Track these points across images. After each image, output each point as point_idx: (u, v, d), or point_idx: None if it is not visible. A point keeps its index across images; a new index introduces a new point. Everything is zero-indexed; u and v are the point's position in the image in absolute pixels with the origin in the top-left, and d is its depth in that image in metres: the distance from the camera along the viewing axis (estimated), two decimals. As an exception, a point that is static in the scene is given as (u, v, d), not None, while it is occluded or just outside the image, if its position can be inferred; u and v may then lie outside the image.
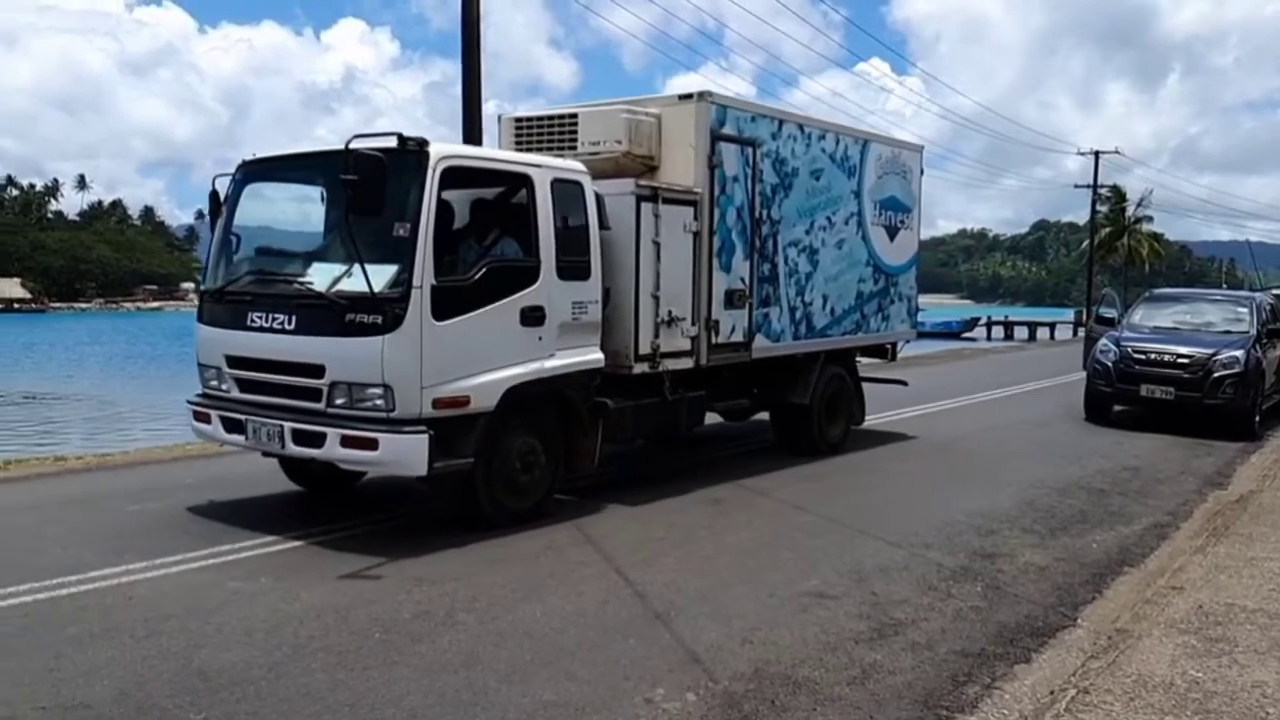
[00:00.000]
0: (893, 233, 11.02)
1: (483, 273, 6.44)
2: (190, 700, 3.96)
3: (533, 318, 6.66)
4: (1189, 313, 13.94)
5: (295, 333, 6.29)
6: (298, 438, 6.22)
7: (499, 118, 8.98)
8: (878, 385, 11.50)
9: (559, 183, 6.95)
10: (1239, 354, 12.13)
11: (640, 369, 7.65)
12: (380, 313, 5.94)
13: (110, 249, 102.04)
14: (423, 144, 6.15)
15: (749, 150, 8.64)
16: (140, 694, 4.01)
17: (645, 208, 7.57)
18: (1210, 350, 12.21)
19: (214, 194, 7.17)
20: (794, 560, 6.20)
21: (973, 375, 19.96)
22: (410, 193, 6.03)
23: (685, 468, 9.21)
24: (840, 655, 4.61)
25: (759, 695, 4.14)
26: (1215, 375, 11.97)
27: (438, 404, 6.09)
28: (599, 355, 7.22)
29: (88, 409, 21.65)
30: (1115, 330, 13.55)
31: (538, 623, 4.94)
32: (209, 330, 6.95)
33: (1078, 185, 59.70)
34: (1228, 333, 12.94)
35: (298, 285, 6.50)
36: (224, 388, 6.82)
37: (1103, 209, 54.33)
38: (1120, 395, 12.73)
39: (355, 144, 5.83)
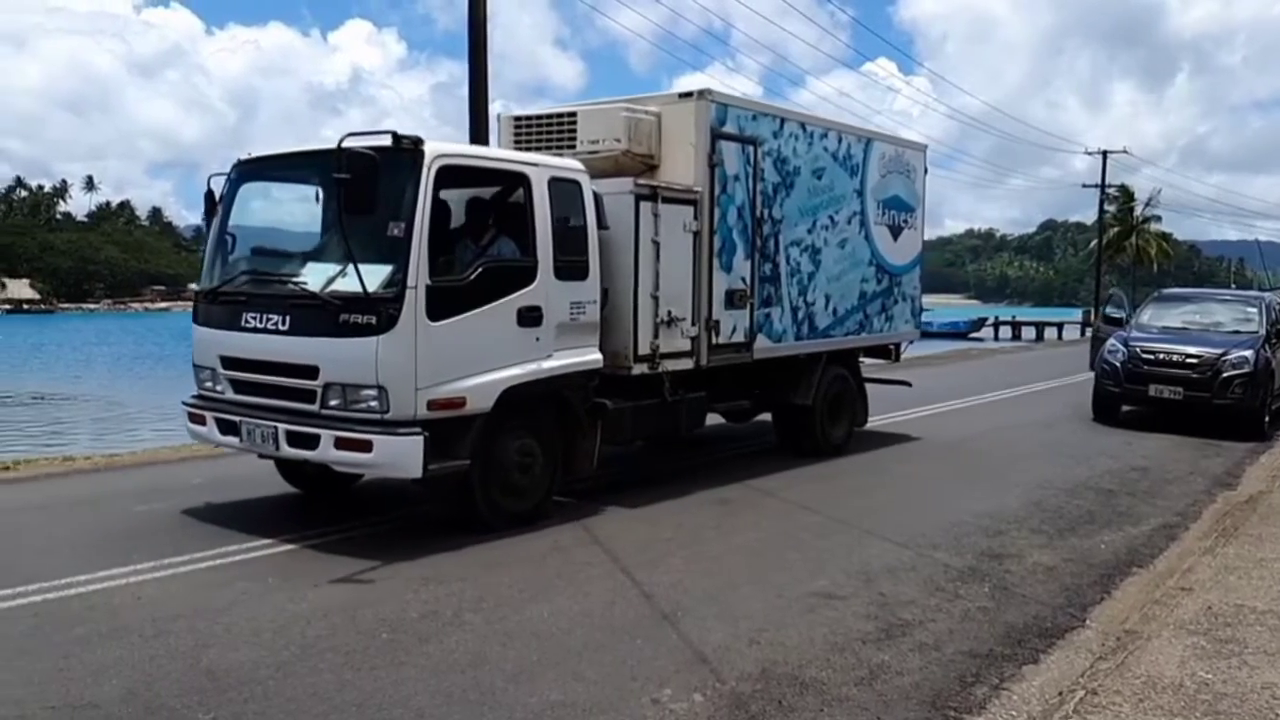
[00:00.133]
0: (896, 232, 10.95)
1: (479, 273, 6.36)
2: (198, 700, 3.97)
3: (530, 318, 6.60)
4: (1198, 313, 13.90)
5: (289, 333, 6.23)
6: (292, 439, 6.16)
7: (498, 117, 8.94)
8: (885, 386, 11.49)
9: (556, 182, 6.88)
10: (1248, 354, 12.09)
11: (639, 370, 7.59)
12: (374, 313, 5.87)
13: (118, 250, 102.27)
14: (417, 142, 6.07)
15: (750, 149, 8.57)
16: (148, 693, 4.02)
17: (644, 207, 7.51)
18: (1219, 350, 12.17)
19: (209, 194, 7.12)
20: (801, 561, 6.19)
21: (980, 375, 19.92)
22: (405, 192, 5.96)
23: (692, 468, 9.20)
24: (848, 656, 4.60)
25: (766, 696, 4.13)
26: (1224, 375, 11.93)
27: (433, 405, 6.02)
28: (597, 356, 7.16)
29: (96, 409, 21.69)
30: (1123, 330, 13.51)
31: (545, 623, 4.94)
32: (204, 331, 6.88)
33: (1085, 185, 59.37)
34: (1237, 333, 12.91)
35: (292, 285, 6.43)
36: (219, 389, 6.76)
37: (1111, 209, 54.22)
38: (1128, 395, 12.70)
39: (348, 142, 5.73)
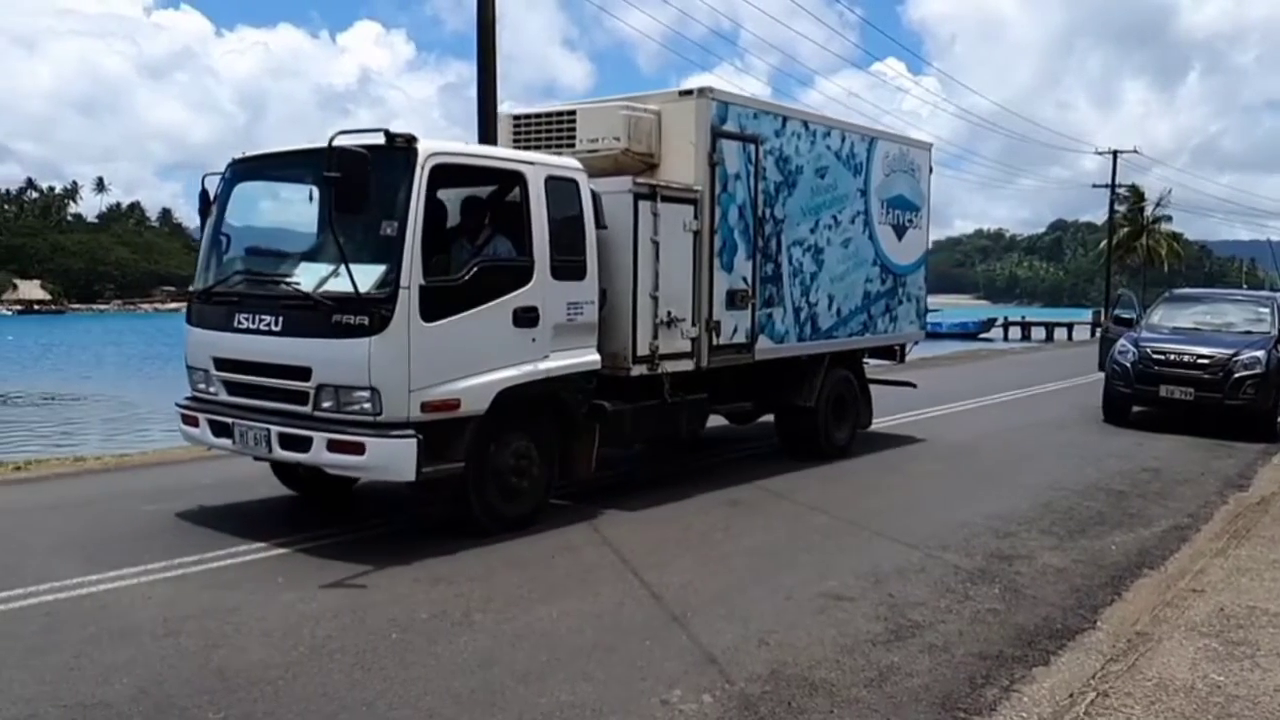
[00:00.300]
0: (901, 232, 10.85)
1: (474, 272, 6.27)
2: (209, 699, 3.98)
3: (526, 319, 6.52)
4: (1209, 313, 13.84)
5: (282, 334, 6.15)
6: (284, 442, 6.08)
7: (494, 114, 8.89)
8: (894, 387, 11.44)
9: (553, 180, 6.80)
10: (1260, 354, 12.02)
11: (639, 371, 7.50)
12: (367, 314, 5.78)
13: (128, 251, 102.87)
14: (411, 140, 5.98)
15: (751, 147, 8.48)
16: (159, 693, 4.04)
17: (643, 206, 7.43)
18: (1231, 350, 12.10)
19: (204, 193, 7.06)
20: (811, 562, 6.18)
21: (989, 376, 19.87)
22: (398, 190, 5.88)
23: (700, 469, 9.20)
24: (857, 657, 4.59)
25: (776, 697, 4.12)
26: (1236, 376, 11.87)
27: (426, 407, 5.94)
28: (595, 357, 7.08)
29: (107, 409, 21.78)
30: (1133, 331, 13.45)
31: (554, 623, 4.94)
32: (198, 332, 6.82)
33: (1096, 185, 59.06)
34: (1249, 333, 12.84)
35: (285, 286, 6.35)
36: (212, 390, 6.69)
37: (1121, 209, 53.99)
38: (1139, 396, 12.64)
39: (340, 140, 5.64)
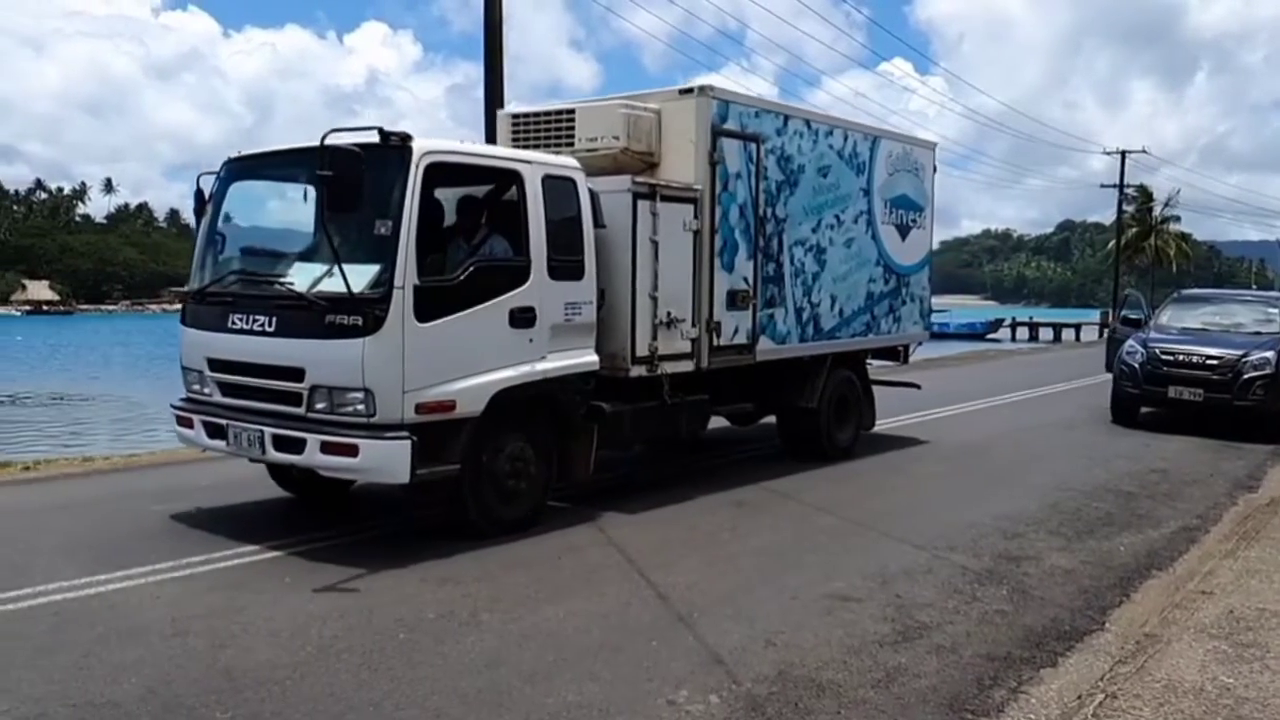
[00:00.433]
0: (904, 231, 10.77)
1: (469, 272, 6.21)
2: (216, 699, 3.99)
3: (522, 319, 6.45)
4: (1218, 314, 13.78)
5: (275, 335, 6.09)
6: (278, 443, 6.03)
7: (496, 114, 8.86)
8: (898, 388, 11.40)
9: (550, 179, 6.73)
10: (1270, 355, 11.95)
11: (638, 372, 7.44)
12: (360, 314, 5.71)
13: (136, 251, 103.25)
14: (405, 139, 5.93)
15: (752, 146, 8.40)
16: (167, 692, 4.05)
17: (642, 205, 7.36)
18: (1240, 351, 12.04)
19: (199, 192, 7.00)
20: (817, 563, 6.17)
21: (997, 377, 19.83)
22: (392, 189, 5.82)
23: (706, 470, 9.19)
24: (864, 658, 4.58)
25: (782, 698, 4.12)
26: (1245, 376, 11.81)
27: (421, 409, 5.87)
28: (594, 358, 7.01)
29: (115, 409, 21.86)
30: (1142, 331, 13.40)
31: (560, 624, 4.94)
32: (192, 333, 6.76)
33: (1104, 185, 58.96)
34: (1258, 334, 12.77)
35: (278, 286, 6.30)
36: (206, 391, 6.63)
37: (1129, 209, 53.89)
38: (1147, 397, 12.58)
39: (333, 139, 5.58)
